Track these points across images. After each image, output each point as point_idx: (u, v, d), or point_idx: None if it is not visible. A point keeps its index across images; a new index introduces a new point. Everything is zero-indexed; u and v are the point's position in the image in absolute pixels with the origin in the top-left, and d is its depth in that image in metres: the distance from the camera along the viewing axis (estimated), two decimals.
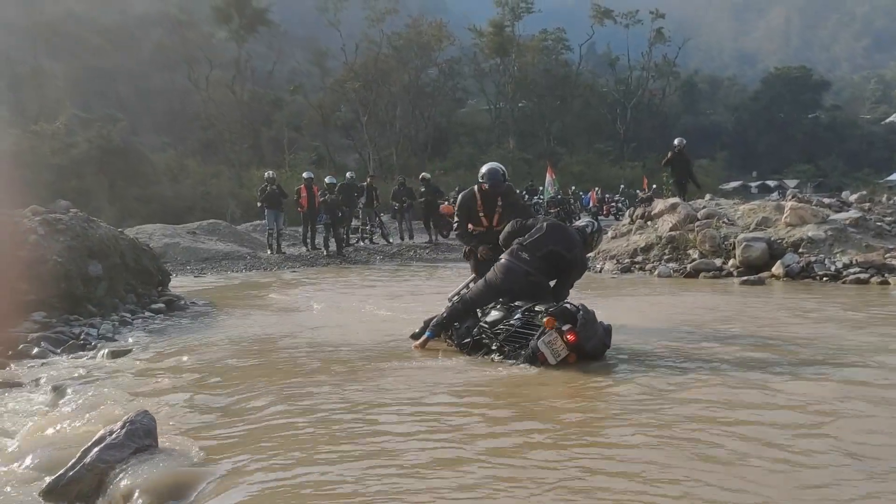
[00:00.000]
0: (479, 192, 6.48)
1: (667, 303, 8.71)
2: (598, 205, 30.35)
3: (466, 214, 6.57)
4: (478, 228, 6.56)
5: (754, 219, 12.43)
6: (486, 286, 5.70)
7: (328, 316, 8.37)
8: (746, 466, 3.05)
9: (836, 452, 3.20)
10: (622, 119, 59.18)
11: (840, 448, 3.25)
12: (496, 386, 4.67)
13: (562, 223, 6.20)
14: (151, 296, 9.11)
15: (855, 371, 4.71)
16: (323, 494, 2.96)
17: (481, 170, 6.58)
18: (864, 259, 10.53)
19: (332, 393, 4.57)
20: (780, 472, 2.99)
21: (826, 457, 3.17)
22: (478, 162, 46.36)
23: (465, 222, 6.59)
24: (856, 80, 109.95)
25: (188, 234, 17.70)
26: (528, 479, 2.97)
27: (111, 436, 3.45)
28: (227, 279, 13.81)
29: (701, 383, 4.44)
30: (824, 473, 2.99)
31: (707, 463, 3.10)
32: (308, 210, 17.52)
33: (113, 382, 5.10)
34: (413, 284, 12.13)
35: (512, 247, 5.74)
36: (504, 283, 5.60)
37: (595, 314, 5.18)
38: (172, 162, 42.92)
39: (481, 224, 6.52)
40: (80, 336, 6.84)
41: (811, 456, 3.16)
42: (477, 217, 6.53)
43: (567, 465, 3.14)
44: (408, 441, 3.57)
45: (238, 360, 5.81)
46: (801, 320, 6.89)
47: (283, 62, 55.10)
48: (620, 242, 13.81)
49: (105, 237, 8.72)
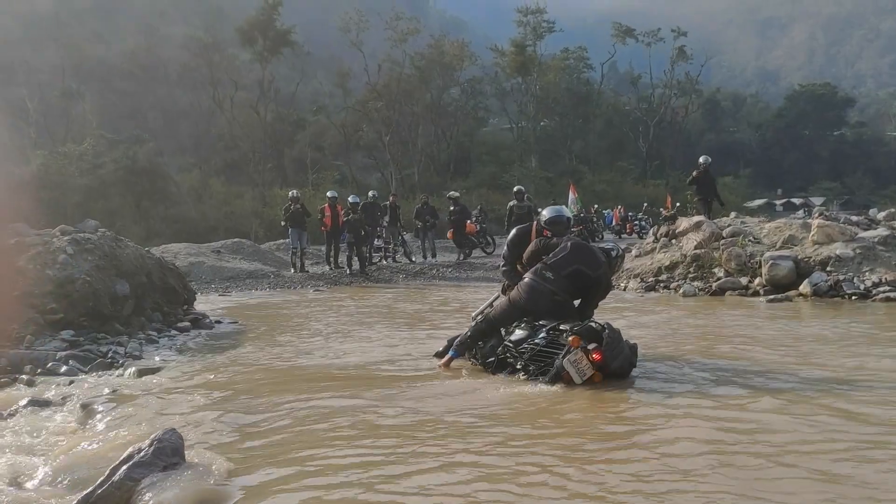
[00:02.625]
0: (537, 236, 6.08)
1: (694, 323, 8.62)
2: (621, 223, 30.19)
3: (517, 254, 6.12)
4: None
5: (780, 237, 12.30)
6: (510, 305, 5.67)
7: (353, 334, 8.37)
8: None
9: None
10: (644, 137, 59.10)
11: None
12: (522, 406, 4.63)
13: (585, 243, 6.14)
14: (177, 314, 9.19)
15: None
16: None
17: (543, 215, 6.28)
18: (894, 277, 10.37)
19: (359, 411, 4.56)
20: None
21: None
22: (500, 181, 46.59)
23: (515, 261, 6.14)
24: (881, 96, 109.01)
25: (213, 253, 17.85)
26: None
27: (139, 454, 3.46)
28: (252, 298, 13.89)
29: (715, 405, 4.38)
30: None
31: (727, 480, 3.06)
32: (332, 229, 17.60)
33: (140, 401, 5.13)
34: (438, 301, 12.13)
35: (536, 266, 5.71)
36: (528, 302, 5.56)
37: (620, 333, 5.13)
38: (197, 182, 43.46)
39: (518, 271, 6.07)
40: (108, 354, 6.90)
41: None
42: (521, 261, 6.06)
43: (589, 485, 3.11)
44: (435, 461, 3.55)
45: (264, 378, 5.83)
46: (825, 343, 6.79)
47: (306, 83, 55.70)
48: (645, 261, 13.72)
49: (132, 256, 8.83)
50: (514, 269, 6.13)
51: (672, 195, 34.14)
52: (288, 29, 45.98)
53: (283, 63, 50.00)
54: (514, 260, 6.16)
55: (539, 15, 53.67)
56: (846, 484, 3.06)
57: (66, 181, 34.30)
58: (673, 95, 60.15)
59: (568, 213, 6.33)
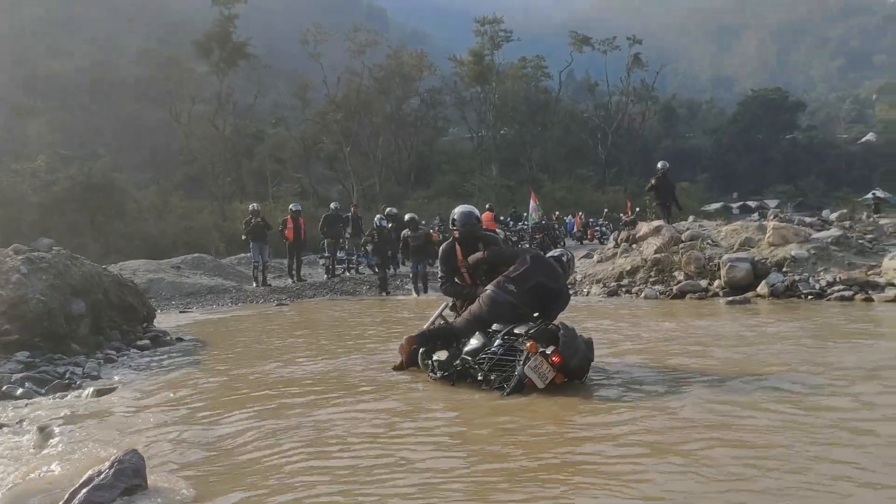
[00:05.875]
0: (457, 242, 6.22)
1: (655, 327, 8.71)
2: (582, 229, 30.49)
3: (450, 268, 6.23)
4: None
5: (738, 239, 12.52)
6: (472, 318, 5.67)
7: (316, 348, 8.30)
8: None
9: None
10: (603, 144, 59.85)
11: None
12: (483, 411, 4.64)
13: (543, 255, 6.18)
14: (136, 332, 9.04)
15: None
16: None
17: (452, 214, 6.38)
18: (848, 277, 10.60)
19: (324, 426, 4.52)
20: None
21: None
22: (461, 190, 46.75)
23: (450, 276, 6.25)
24: (831, 99, 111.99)
25: (172, 269, 17.60)
26: None
27: (99, 476, 3.39)
28: (213, 313, 13.71)
29: (675, 401, 4.44)
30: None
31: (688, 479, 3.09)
32: (294, 241, 17.48)
33: (99, 422, 5.02)
34: (401, 312, 12.09)
35: (498, 279, 5.72)
36: (489, 314, 5.57)
37: (575, 330, 5.19)
38: (156, 198, 42.82)
39: (465, 281, 6.22)
40: (65, 375, 6.75)
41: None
42: (459, 272, 6.22)
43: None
44: (407, 476, 3.52)
45: (226, 395, 5.75)
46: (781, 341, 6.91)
47: (264, 95, 55.44)
48: (606, 266, 13.86)
49: (88, 274, 8.66)
50: (453, 281, 6.23)
51: (631, 201, 34.59)
52: (244, 41, 45.71)
53: (241, 75, 49.69)
54: (450, 273, 6.24)
55: (496, 24, 54.17)
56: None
57: (19, 199, 33.55)
58: (630, 102, 61.08)
59: (476, 212, 6.37)
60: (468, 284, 6.19)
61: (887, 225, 13.39)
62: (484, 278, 6.07)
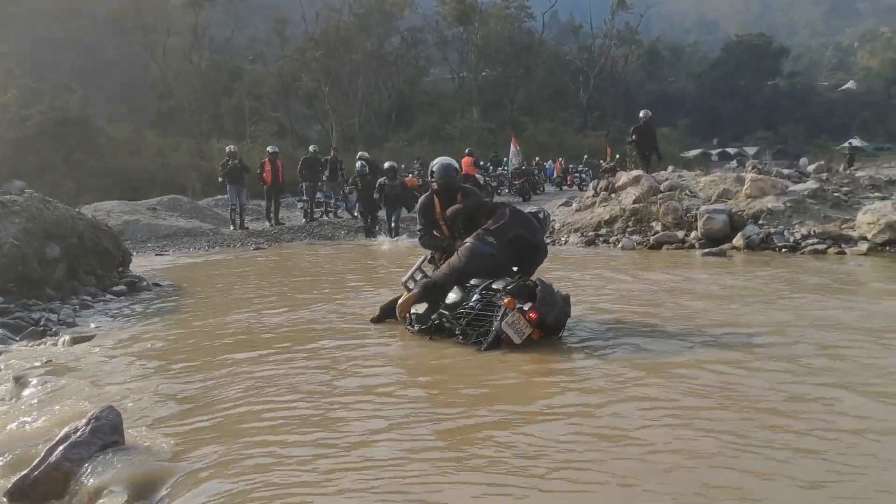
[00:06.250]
0: (435, 194, 6.17)
1: (631, 280, 8.80)
2: (562, 175, 30.43)
3: (429, 220, 6.20)
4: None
5: (716, 190, 12.58)
6: (451, 269, 5.68)
7: (294, 295, 8.31)
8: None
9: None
10: (585, 87, 59.26)
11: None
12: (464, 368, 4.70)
13: (521, 210, 6.18)
14: (112, 277, 8.98)
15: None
16: (294, 484, 2.98)
17: (431, 166, 6.31)
18: (822, 230, 10.74)
19: (303, 379, 4.55)
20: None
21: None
22: (442, 132, 46.30)
23: (429, 228, 6.22)
24: (814, 46, 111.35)
25: (148, 211, 17.38)
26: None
27: (76, 433, 3.40)
28: (190, 256, 13.63)
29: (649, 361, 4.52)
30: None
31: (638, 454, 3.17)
32: (272, 184, 17.31)
33: (76, 372, 5.02)
34: (379, 258, 12.11)
35: (478, 232, 5.73)
36: (468, 266, 5.58)
37: (553, 286, 5.24)
38: (130, 134, 42.03)
39: (443, 233, 6.17)
40: (40, 322, 6.71)
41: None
42: (438, 224, 6.17)
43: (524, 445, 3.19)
44: (385, 431, 3.57)
45: (203, 345, 5.77)
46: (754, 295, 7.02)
47: (241, 30, 54.03)
48: (585, 215, 13.89)
49: (62, 218, 8.55)
50: (431, 234, 6.21)
51: (612, 146, 34.48)
52: None
53: (218, 9, 48.37)
54: (428, 225, 6.21)
55: None
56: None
57: None
58: (613, 45, 60.31)
59: (455, 164, 6.30)
60: (446, 237, 6.19)
61: (863, 178, 13.52)
62: (462, 231, 6.07)
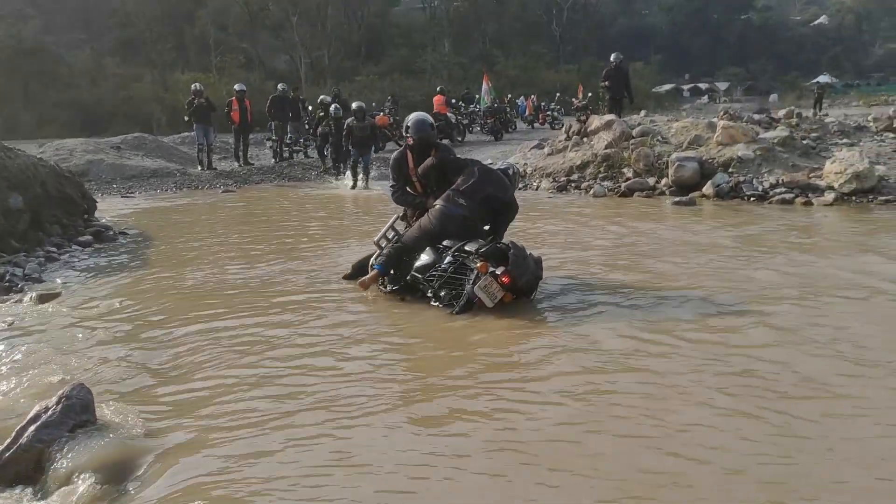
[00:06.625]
0: (409, 150, 6.08)
1: (601, 234, 8.84)
2: (534, 113, 30.19)
3: (402, 176, 6.12)
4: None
5: (687, 137, 12.58)
6: (421, 232, 5.64)
7: (266, 244, 8.24)
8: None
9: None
10: (558, 20, 58.41)
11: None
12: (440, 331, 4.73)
13: (490, 168, 6.13)
14: (77, 226, 8.80)
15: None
16: (268, 459, 3.03)
17: (406, 121, 6.18)
18: (791, 179, 10.84)
19: (270, 345, 4.56)
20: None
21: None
22: (413, 66, 45.45)
23: (402, 184, 6.14)
24: None
25: (112, 150, 16.88)
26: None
27: (46, 413, 3.36)
28: (157, 200, 13.38)
29: (609, 323, 4.59)
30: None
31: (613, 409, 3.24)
32: (240, 124, 16.92)
33: (44, 336, 4.95)
34: (351, 203, 12.01)
35: (447, 192, 5.68)
36: (439, 227, 5.55)
37: (525, 249, 5.26)
38: (90, 62, 40.71)
39: (416, 190, 6.11)
40: (5, 277, 6.58)
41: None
42: (411, 181, 6.09)
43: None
44: (361, 402, 3.60)
45: (172, 304, 5.72)
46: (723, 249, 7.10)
47: None
48: (557, 159, 13.84)
49: (24, 166, 8.32)
50: (405, 191, 6.13)
51: (584, 83, 34.25)
52: None
53: None
54: (402, 182, 6.13)
55: None
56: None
57: None
58: None
59: (430, 120, 6.16)
60: (419, 194, 6.14)
61: (832, 123, 13.64)
62: (434, 188, 6.03)
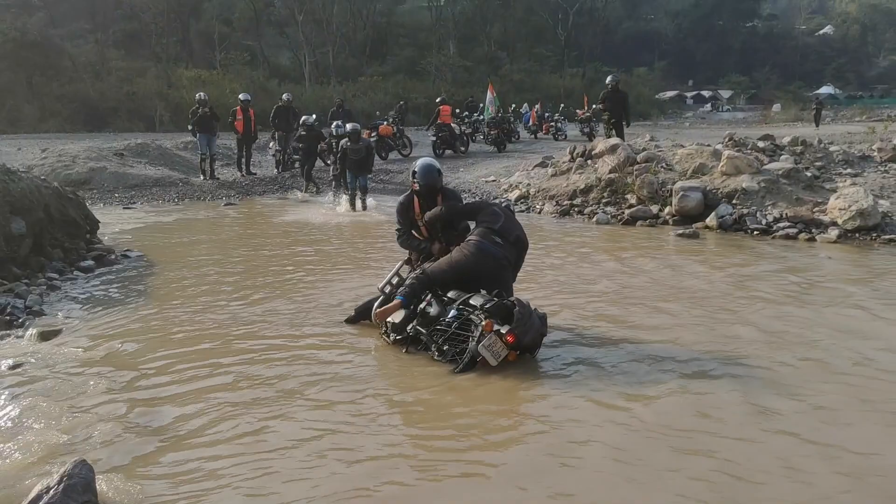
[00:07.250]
0: (416, 195, 6.08)
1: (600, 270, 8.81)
2: (538, 123, 30.12)
3: (407, 221, 6.16)
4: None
5: (691, 165, 12.57)
6: (450, 266, 5.54)
7: (271, 273, 8.20)
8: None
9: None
10: (564, 24, 58.32)
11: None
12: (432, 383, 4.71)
13: (506, 208, 6.13)
14: (79, 250, 8.77)
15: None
16: None
17: (413, 167, 6.18)
18: (794, 213, 10.83)
19: (282, 404, 4.52)
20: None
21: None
22: (418, 67, 45.37)
23: (407, 228, 6.17)
24: None
25: (115, 157, 16.80)
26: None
27: (48, 493, 3.34)
28: (159, 212, 13.32)
29: (618, 378, 4.56)
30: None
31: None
32: (244, 134, 16.87)
33: (45, 385, 4.91)
34: (358, 222, 11.96)
35: (481, 230, 5.65)
36: (473, 263, 5.47)
37: (530, 305, 5.23)
38: (94, 55, 40.58)
39: (421, 235, 6.15)
40: (6, 310, 6.55)
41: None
42: (416, 225, 6.12)
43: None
44: (369, 460, 3.57)
45: (174, 349, 5.66)
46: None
47: None
48: (560, 181, 13.83)
49: (28, 190, 8.27)
50: (410, 235, 6.16)
51: (588, 92, 34.17)
52: None
53: None
54: (407, 225, 6.16)
55: None
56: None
57: None
58: None
59: (437, 165, 6.17)
60: (424, 239, 6.14)
61: (836, 152, 13.64)
62: (440, 234, 6.04)
